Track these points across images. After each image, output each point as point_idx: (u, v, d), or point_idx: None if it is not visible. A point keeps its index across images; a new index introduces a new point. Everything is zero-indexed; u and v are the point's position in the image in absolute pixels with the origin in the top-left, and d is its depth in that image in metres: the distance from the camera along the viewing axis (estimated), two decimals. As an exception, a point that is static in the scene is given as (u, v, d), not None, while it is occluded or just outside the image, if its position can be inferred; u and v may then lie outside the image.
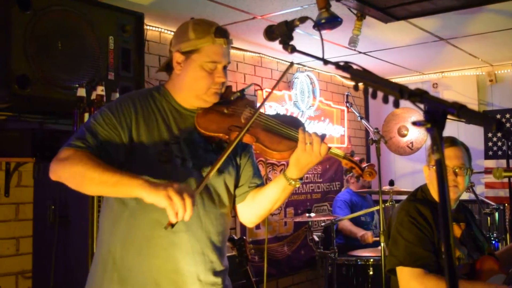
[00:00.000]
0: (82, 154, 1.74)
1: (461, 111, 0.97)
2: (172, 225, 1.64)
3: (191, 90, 1.93)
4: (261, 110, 1.94)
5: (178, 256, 1.85)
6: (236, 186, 2.05)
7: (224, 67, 1.95)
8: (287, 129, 1.92)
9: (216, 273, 1.94)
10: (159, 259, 1.84)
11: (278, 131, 1.92)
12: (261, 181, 2.11)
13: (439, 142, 1.01)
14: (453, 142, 2.61)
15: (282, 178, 1.93)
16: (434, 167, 2.58)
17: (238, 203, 2.06)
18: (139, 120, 1.87)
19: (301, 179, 1.93)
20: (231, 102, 2.00)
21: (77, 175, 1.71)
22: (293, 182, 1.91)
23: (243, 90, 2.05)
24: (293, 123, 1.96)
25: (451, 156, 2.56)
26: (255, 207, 2.03)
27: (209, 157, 1.93)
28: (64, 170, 1.73)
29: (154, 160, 1.84)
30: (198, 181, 1.87)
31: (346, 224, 4.85)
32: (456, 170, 2.56)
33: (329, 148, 1.89)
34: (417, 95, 1.04)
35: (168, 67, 2.01)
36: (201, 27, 1.91)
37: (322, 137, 1.86)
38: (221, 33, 1.93)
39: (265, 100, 1.95)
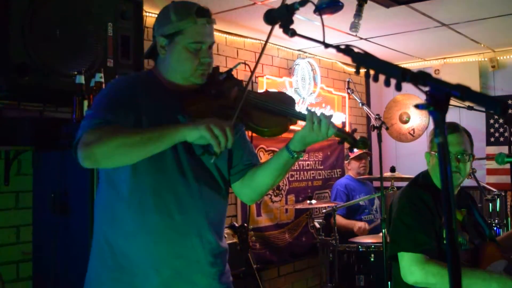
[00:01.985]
0: (110, 127, 1.72)
1: (465, 94, 0.95)
2: (217, 155, 1.70)
3: (177, 72, 1.92)
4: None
5: (175, 240, 1.86)
6: (230, 167, 2.04)
7: (209, 47, 1.93)
8: (278, 105, 1.90)
9: (215, 255, 1.94)
10: (156, 244, 1.85)
11: (269, 108, 1.91)
12: (256, 159, 2.09)
13: (442, 126, 0.99)
14: (455, 128, 2.59)
15: (284, 152, 1.90)
16: (436, 153, 2.57)
17: (234, 182, 2.05)
18: (134, 101, 1.86)
19: (303, 151, 1.91)
20: (219, 82, 1.98)
21: (120, 145, 1.68)
22: (295, 155, 1.89)
23: (230, 70, 2.03)
24: (284, 99, 1.96)
25: (453, 143, 2.54)
26: (256, 183, 2.02)
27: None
28: (101, 148, 1.68)
29: None
30: (189, 165, 1.88)
31: (338, 220, 4.73)
32: (459, 156, 2.54)
33: (337, 128, 1.86)
34: (420, 78, 1.02)
35: (152, 53, 2.00)
36: (182, 9, 1.89)
37: (330, 118, 1.84)
38: (203, 12, 1.90)
39: (251, 76, 1.94)
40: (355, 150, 5.42)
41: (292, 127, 1.98)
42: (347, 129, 6.26)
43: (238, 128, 2.05)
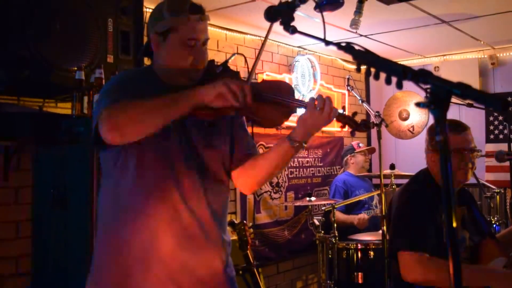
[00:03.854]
0: (127, 100, 1.73)
1: (466, 92, 0.95)
2: (237, 109, 1.74)
3: (172, 69, 1.92)
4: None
5: (180, 231, 1.86)
6: (231, 157, 2.04)
7: (203, 43, 1.93)
8: (276, 94, 1.90)
9: (219, 248, 1.96)
10: (161, 235, 1.85)
11: (268, 98, 1.90)
12: (255, 150, 2.10)
13: (443, 124, 0.99)
14: (464, 126, 2.61)
15: (285, 142, 1.90)
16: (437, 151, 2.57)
17: (234, 170, 2.05)
18: (138, 95, 1.85)
19: (305, 142, 1.90)
20: (217, 75, 1.97)
21: (142, 112, 1.69)
22: (296, 145, 1.89)
23: (226, 61, 2.03)
24: (283, 88, 1.96)
25: (467, 140, 2.57)
26: (255, 172, 2.02)
27: (201, 133, 1.94)
28: (124, 117, 1.69)
29: (152, 136, 1.83)
30: (193, 159, 1.90)
31: (337, 216, 4.73)
32: (474, 153, 2.57)
33: (339, 113, 1.87)
34: (421, 75, 1.02)
35: (147, 51, 2.00)
36: (175, 6, 1.89)
37: (331, 102, 1.85)
38: (196, 9, 1.90)
39: (253, 68, 1.93)
40: (361, 145, 5.46)
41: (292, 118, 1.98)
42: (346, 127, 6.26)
43: (239, 118, 2.06)
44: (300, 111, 1.89)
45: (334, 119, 1.88)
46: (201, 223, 1.90)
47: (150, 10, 4.07)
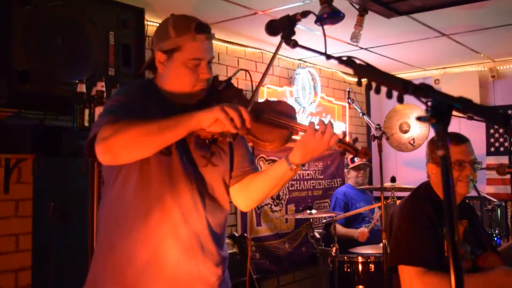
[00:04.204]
0: (124, 121, 1.69)
1: (467, 106, 0.95)
2: (234, 137, 1.68)
3: (176, 88, 1.91)
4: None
5: (178, 249, 1.86)
6: (230, 173, 2.05)
7: (208, 62, 1.91)
8: (278, 117, 1.89)
9: (216, 264, 1.95)
10: (161, 253, 1.85)
11: (269, 121, 1.89)
12: (255, 167, 2.10)
13: (444, 138, 0.99)
14: (464, 138, 2.61)
15: (283, 162, 1.91)
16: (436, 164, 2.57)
17: (231, 186, 2.06)
18: (143, 109, 1.85)
19: (303, 165, 1.91)
20: (219, 93, 1.97)
21: (136, 136, 1.64)
22: (294, 167, 1.89)
23: (229, 78, 2.02)
24: (285, 111, 1.94)
25: (466, 152, 2.57)
26: (252, 191, 2.03)
27: (203, 152, 1.94)
28: (120, 139, 1.65)
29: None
30: (193, 176, 1.89)
31: (338, 229, 4.70)
32: (474, 165, 2.57)
33: (339, 138, 1.86)
34: (422, 90, 1.02)
35: (151, 66, 1.98)
36: (181, 24, 1.87)
37: (332, 126, 1.84)
38: (202, 28, 1.87)
39: (256, 89, 1.92)
40: (356, 159, 5.48)
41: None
42: (347, 139, 6.27)
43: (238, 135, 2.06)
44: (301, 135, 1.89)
45: (334, 144, 1.87)
46: (199, 240, 1.89)
47: (151, 24, 4.11)
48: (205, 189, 1.93)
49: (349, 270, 4.36)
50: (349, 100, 4.41)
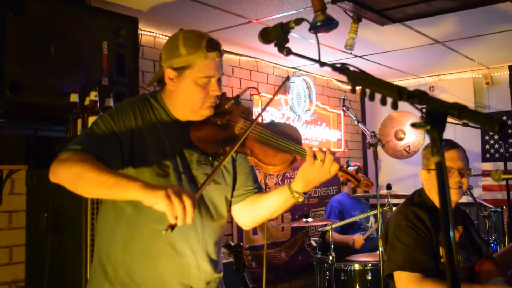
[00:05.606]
0: (81, 156, 1.68)
1: (462, 112, 0.94)
2: (172, 228, 1.54)
3: (186, 105, 1.90)
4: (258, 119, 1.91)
5: (176, 269, 1.86)
6: (232, 191, 2.05)
7: (218, 80, 1.90)
8: (282, 141, 1.87)
9: (208, 283, 1.95)
10: (159, 271, 1.85)
11: (273, 144, 1.88)
12: (257, 184, 2.10)
13: (439, 145, 0.98)
14: (454, 144, 2.62)
15: (286, 190, 1.91)
16: (433, 170, 2.57)
17: (234, 205, 2.06)
18: (138, 130, 1.84)
19: (305, 194, 1.90)
20: (226, 111, 1.96)
21: (75, 175, 1.64)
22: (296, 195, 1.89)
23: (237, 96, 2.01)
24: (290, 134, 1.92)
25: (455, 158, 2.57)
26: (254, 212, 2.03)
27: (206, 170, 1.93)
28: (62, 171, 1.67)
29: (151, 173, 1.82)
30: None
31: (333, 236, 4.69)
32: (462, 171, 2.56)
33: (341, 167, 1.84)
34: (417, 96, 1.01)
35: (159, 81, 1.96)
36: (191, 41, 1.85)
37: (334, 155, 1.83)
38: (213, 46, 1.86)
39: (261, 112, 1.91)
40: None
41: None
42: (342, 147, 6.26)
43: (242, 155, 2.04)
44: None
45: (342, 175, 1.86)
46: (197, 262, 1.90)
47: (145, 33, 4.10)
48: (205, 208, 1.93)
49: (346, 278, 4.35)
50: (344, 108, 4.41)
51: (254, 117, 1.96)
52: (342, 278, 4.36)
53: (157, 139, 1.87)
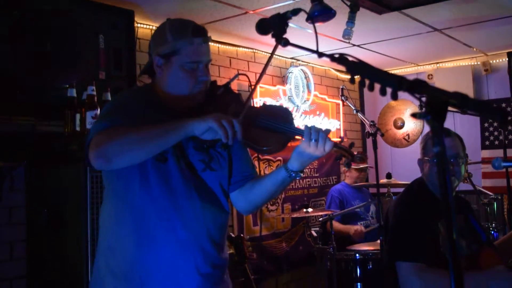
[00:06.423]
0: (118, 127, 1.73)
1: (463, 102, 0.93)
2: (225, 146, 1.77)
3: (175, 91, 1.93)
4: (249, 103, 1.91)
5: (178, 252, 1.87)
6: (229, 177, 2.06)
7: (206, 65, 1.94)
8: (277, 123, 1.89)
9: (214, 266, 1.96)
10: (159, 255, 1.86)
11: (267, 126, 1.89)
12: (254, 171, 2.12)
13: (440, 134, 0.97)
14: (447, 133, 2.61)
15: (282, 171, 1.92)
16: (429, 159, 2.56)
17: (232, 192, 2.07)
18: (139, 116, 1.86)
19: (301, 172, 1.92)
20: (217, 98, 1.98)
21: (129, 142, 1.68)
22: (293, 175, 1.91)
23: (228, 83, 2.03)
24: (282, 115, 1.94)
25: (446, 147, 2.55)
26: (253, 196, 2.05)
27: (201, 156, 1.94)
28: (113, 145, 1.68)
29: (151, 158, 1.83)
30: (192, 181, 1.90)
31: (334, 225, 4.71)
32: (452, 160, 2.55)
33: (334, 144, 1.85)
34: (417, 86, 1.00)
35: (149, 70, 2.00)
36: (177, 28, 1.90)
37: (327, 133, 1.83)
38: (199, 32, 1.91)
39: (251, 93, 1.92)
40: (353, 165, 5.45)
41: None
42: (343, 140, 6.25)
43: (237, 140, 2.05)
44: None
45: (335, 150, 1.88)
46: (200, 246, 1.91)
47: (141, 26, 4.08)
48: (204, 193, 1.94)
49: (347, 268, 4.35)
50: (343, 98, 4.39)
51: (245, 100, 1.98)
52: (343, 267, 4.36)
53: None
